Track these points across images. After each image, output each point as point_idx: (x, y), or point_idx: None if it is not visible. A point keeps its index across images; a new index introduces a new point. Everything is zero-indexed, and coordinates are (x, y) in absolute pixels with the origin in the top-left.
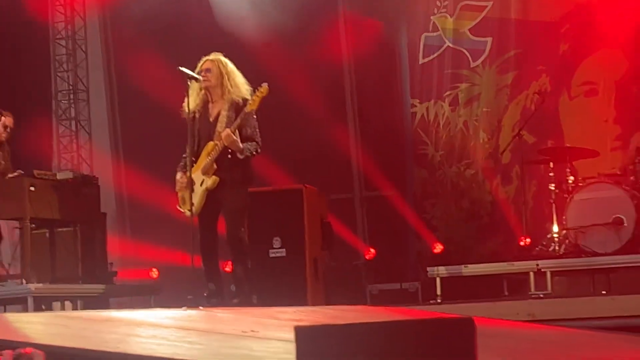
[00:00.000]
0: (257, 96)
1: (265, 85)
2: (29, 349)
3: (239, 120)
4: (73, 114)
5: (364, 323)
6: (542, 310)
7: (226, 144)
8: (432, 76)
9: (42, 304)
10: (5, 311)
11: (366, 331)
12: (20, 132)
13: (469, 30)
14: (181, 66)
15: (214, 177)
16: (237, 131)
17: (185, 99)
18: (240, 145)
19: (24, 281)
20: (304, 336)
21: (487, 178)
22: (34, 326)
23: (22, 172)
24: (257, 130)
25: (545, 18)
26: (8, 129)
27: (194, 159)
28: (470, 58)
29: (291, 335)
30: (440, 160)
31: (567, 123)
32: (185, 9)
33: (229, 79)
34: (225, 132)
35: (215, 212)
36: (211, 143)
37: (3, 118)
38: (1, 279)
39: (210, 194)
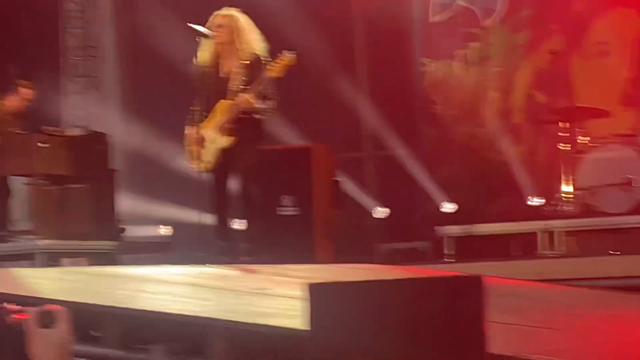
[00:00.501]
0: (278, 63)
1: (290, 54)
2: (54, 306)
3: (255, 85)
4: (83, 71)
5: (375, 280)
6: (551, 269)
7: (242, 107)
8: (442, 35)
9: (51, 260)
10: (14, 267)
11: (377, 289)
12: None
13: None
14: (194, 22)
15: (228, 137)
16: (255, 95)
17: (197, 54)
18: (257, 105)
19: (33, 237)
20: (316, 293)
21: (498, 138)
22: (44, 281)
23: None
24: (274, 89)
25: None
26: (27, 102)
27: (204, 114)
28: (481, 17)
29: (300, 292)
30: (450, 119)
31: (579, 83)
32: None
33: (239, 35)
34: (242, 97)
35: (227, 170)
36: (226, 102)
37: (23, 89)
38: (11, 235)
39: (222, 152)
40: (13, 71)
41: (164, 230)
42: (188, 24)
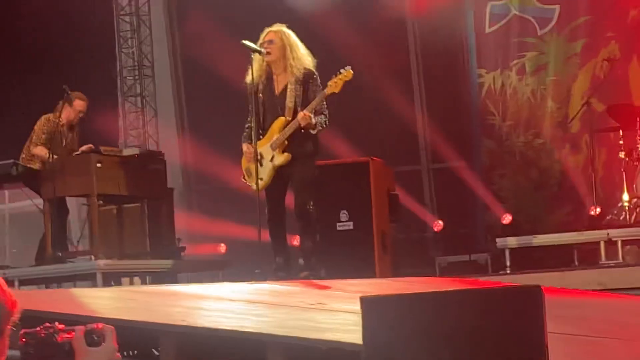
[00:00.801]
0: (340, 79)
1: (349, 68)
2: (100, 324)
3: (317, 100)
4: (138, 90)
5: (429, 292)
6: (612, 279)
7: (302, 124)
8: (498, 45)
9: (111, 279)
10: (75, 287)
11: (432, 300)
12: (87, 110)
13: None
14: (245, 39)
15: (285, 154)
16: (313, 111)
17: (248, 71)
18: (314, 121)
19: (92, 257)
20: (370, 306)
21: (556, 147)
22: (100, 301)
23: (92, 146)
24: (325, 104)
25: None
26: (81, 114)
27: (260, 131)
28: (537, 26)
29: (358, 307)
30: (508, 130)
31: (637, 90)
32: None
33: (292, 51)
34: (302, 115)
35: (284, 186)
36: (282, 118)
37: (77, 101)
38: (70, 256)
39: (279, 168)
40: (68, 92)
41: (222, 248)
42: (242, 41)
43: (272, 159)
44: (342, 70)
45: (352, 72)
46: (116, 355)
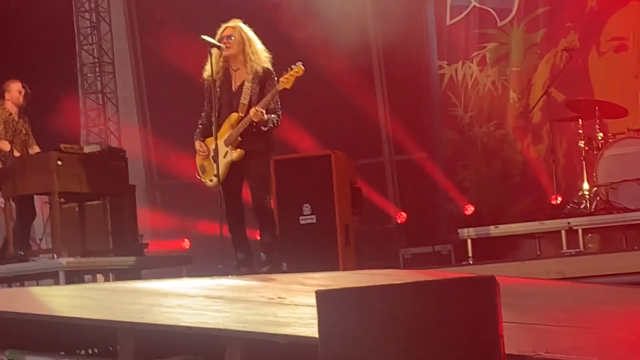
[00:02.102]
0: (292, 75)
1: (300, 64)
2: None
3: (268, 97)
4: (99, 87)
5: (384, 285)
6: (572, 267)
7: (255, 120)
8: (459, 37)
9: (74, 277)
10: (38, 285)
11: (386, 294)
12: (47, 106)
13: None
14: (205, 34)
15: (239, 149)
16: (265, 107)
17: (206, 67)
18: (266, 118)
19: (55, 256)
20: (325, 300)
21: (518, 138)
22: (59, 299)
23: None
24: (279, 102)
25: None
26: (22, 93)
27: (215, 127)
28: (497, 17)
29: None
30: (469, 121)
31: (596, 79)
32: None
33: (250, 46)
34: (254, 111)
35: (239, 181)
36: (235, 115)
37: (9, 84)
38: (33, 254)
39: (233, 164)
40: (30, 91)
41: (185, 244)
42: (201, 36)
43: (225, 155)
44: (293, 66)
45: (303, 67)
46: None
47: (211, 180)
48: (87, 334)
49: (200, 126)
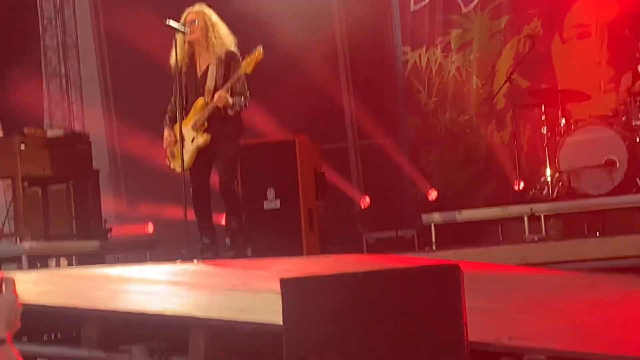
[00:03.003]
0: (252, 60)
1: (259, 49)
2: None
3: (230, 82)
4: (63, 71)
5: (348, 273)
6: (534, 253)
7: (219, 105)
8: (423, 23)
9: (37, 262)
10: (0, 270)
11: (350, 281)
12: (10, 90)
13: None
14: (170, 18)
15: (205, 135)
16: (229, 91)
17: (172, 52)
18: (231, 101)
19: (17, 240)
20: (289, 288)
21: (482, 124)
22: (23, 285)
23: None
24: (246, 84)
25: None
26: None
27: (182, 112)
28: (461, 3)
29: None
30: (433, 107)
31: (559, 66)
32: None
33: (213, 30)
34: (218, 95)
35: (207, 166)
36: (201, 100)
37: None
38: None
39: (200, 149)
40: None
41: (149, 228)
42: (166, 20)
43: (192, 140)
44: (253, 50)
45: (262, 52)
46: (17, 304)
47: (178, 166)
48: (51, 320)
49: (168, 112)
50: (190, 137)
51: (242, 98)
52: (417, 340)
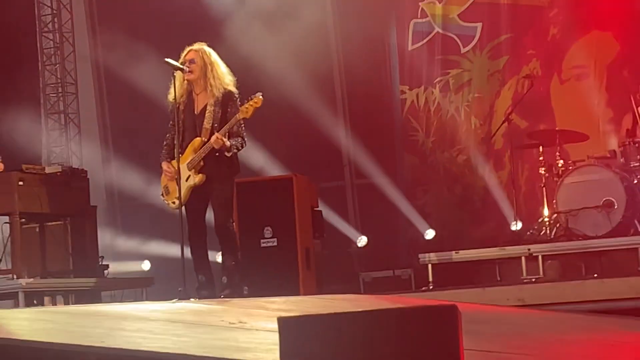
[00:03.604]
0: (251, 105)
1: (259, 95)
2: None
3: (228, 125)
4: (62, 107)
5: (346, 313)
6: (532, 294)
7: (215, 147)
8: (422, 62)
9: (34, 298)
10: None
11: (348, 321)
12: (9, 126)
13: (458, 15)
14: (168, 57)
15: (200, 174)
16: (227, 134)
17: (170, 89)
18: (228, 144)
19: (14, 276)
20: (287, 327)
21: (480, 163)
22: (18, 322)
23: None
24: (243, 125)
25: (535, 2)
26: None
27: (179, 150)
28: (460, 44)
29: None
30: (431, 146)
31: (558, 107)
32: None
33: (212, 70)
34: (215, 138)
35: (202, 204)
36: (198, 139)
37: None
38: None
39: (196, 187)
40: None
41: (146, 266)
42: (164, 59)
43: (187, 179)
44: (252, 96)
45: (262, 98)
46: None
47: (174, 202)
48: (47, 358)
49: (165, 147)
50: (186, 175)
51: (239, 139)
52: None
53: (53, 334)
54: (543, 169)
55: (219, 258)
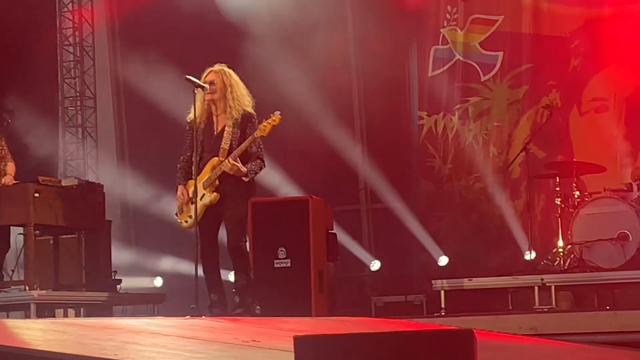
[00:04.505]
0: (269, 123)
1: (277, 114)
2: None
3: (245, 144)
4: (80, 121)
5: (362, 334)
6: (545, 324)
7: (227, 171)
8: (441, 89)
9: (45, 310)
10: (7, 317)
11: (364, 342)
12: (27, 138)
13: (480, 43)
14: (188, 74)
15: (214, 193)
16: (238, 158)
17: (191, 108)
18: (244, 170)
19: (27, 288)
20: (303, 346)
21: (497, 192)
22: (33, 332)
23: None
24: (262, 146)
25: (557, 33)
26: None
27: (197, 168)
28: (480, 72)
29: (291, 345)
30: (448, 173)
31: (576, 138)
32: (193, 17)
33: (232, 92)
34: (227, 164)
35: (216, 223)
36: (216, 158)
37: None
38: (4, 286)
39: (210, 206)
40: (9, 120)
41: (158, 282)
42: (185, 76)
43: (202, 198)
44: (271, 115)
45: (279, 116)
46: None
47: (186, 221)
48: None
49: (180, 170)
50: (200, 194)
51: (258, 161)
52: None
53: (66, 345)
54: (559, 199)
55: (231, 277)
